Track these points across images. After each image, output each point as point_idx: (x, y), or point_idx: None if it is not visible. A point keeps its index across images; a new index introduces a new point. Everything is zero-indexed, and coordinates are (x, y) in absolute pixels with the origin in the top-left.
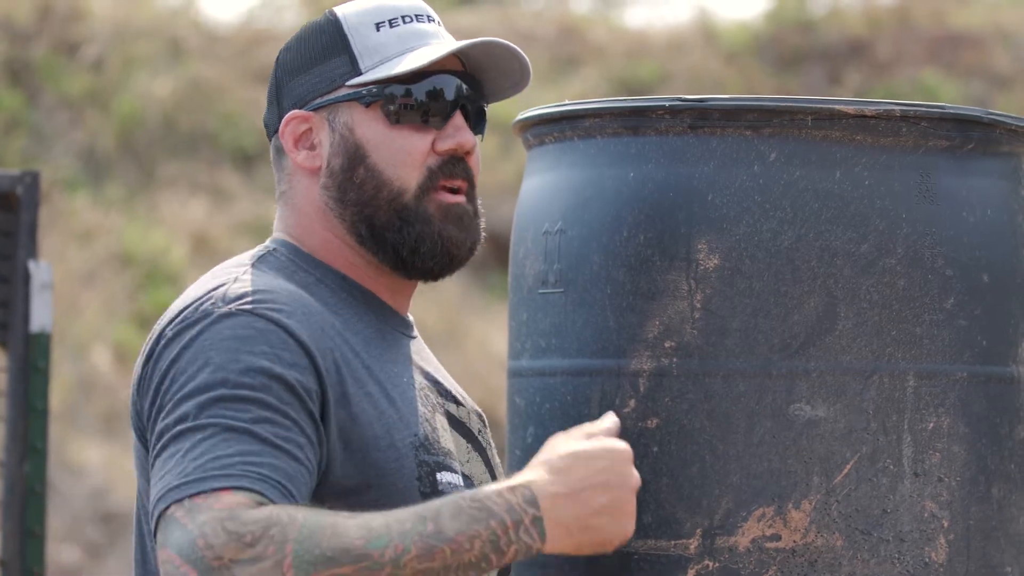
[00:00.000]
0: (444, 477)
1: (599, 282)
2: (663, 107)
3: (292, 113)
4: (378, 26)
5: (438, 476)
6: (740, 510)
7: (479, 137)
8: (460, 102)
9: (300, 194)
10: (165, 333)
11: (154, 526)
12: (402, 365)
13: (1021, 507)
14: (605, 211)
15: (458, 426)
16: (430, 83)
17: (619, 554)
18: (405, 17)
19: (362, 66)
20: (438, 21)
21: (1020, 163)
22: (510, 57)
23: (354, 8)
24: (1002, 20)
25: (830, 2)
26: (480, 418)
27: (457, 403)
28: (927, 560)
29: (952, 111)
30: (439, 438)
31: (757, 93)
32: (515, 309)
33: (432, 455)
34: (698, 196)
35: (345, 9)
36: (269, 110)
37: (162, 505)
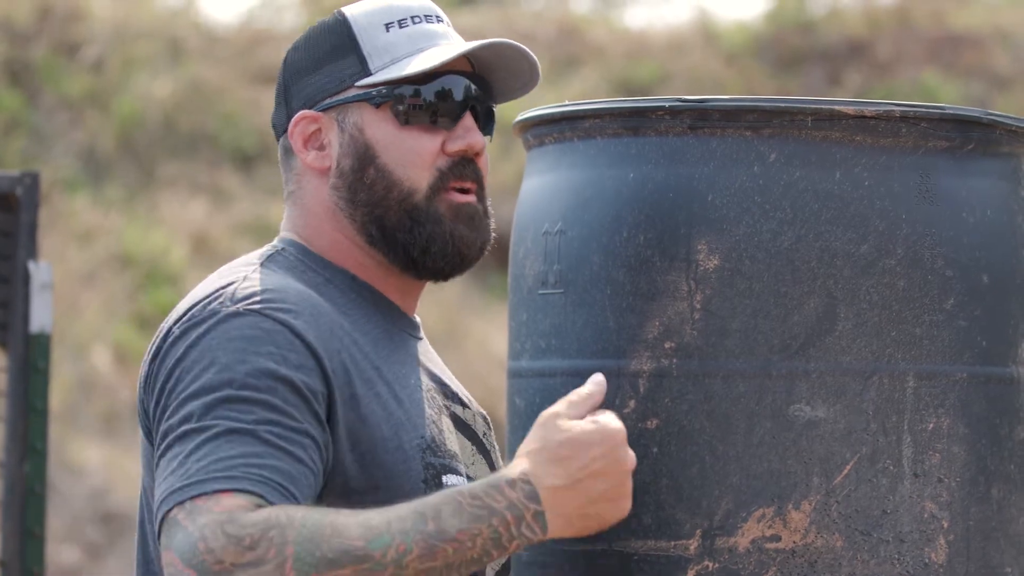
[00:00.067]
0: (450, 480)
1: (599, 283)
2: (663, 108)
3: (301, 113)
4: (387, 26)
5: (444, 479)
6: (740, 511)
7: (488, 138)
8: (470, 103)
9: (309, 194)
10: (172, 331)
11: (158, 528)
12: (409, 366)
13: (1021, 508)
14: (605, 212)
15: (463, 428)
16: (440, 84)
17: (619, 555)
18: (415, 17)
19: (372, 67)
20: (447, 21)
21: (1020, 164)
22: (519, 58)
23: (363, 8)
24: (1002, 21)
25: (830, 3)
26: (485, 420)
27: (463, 405)
28: (927, 561)
29: (952, 112)
30: (445, 440)
31: (757, 94)
32: (515, 310)
33: (439, 457)
34: (698, 197)
35: (354, 9)
36: (277, 110)
37: (165, 507)
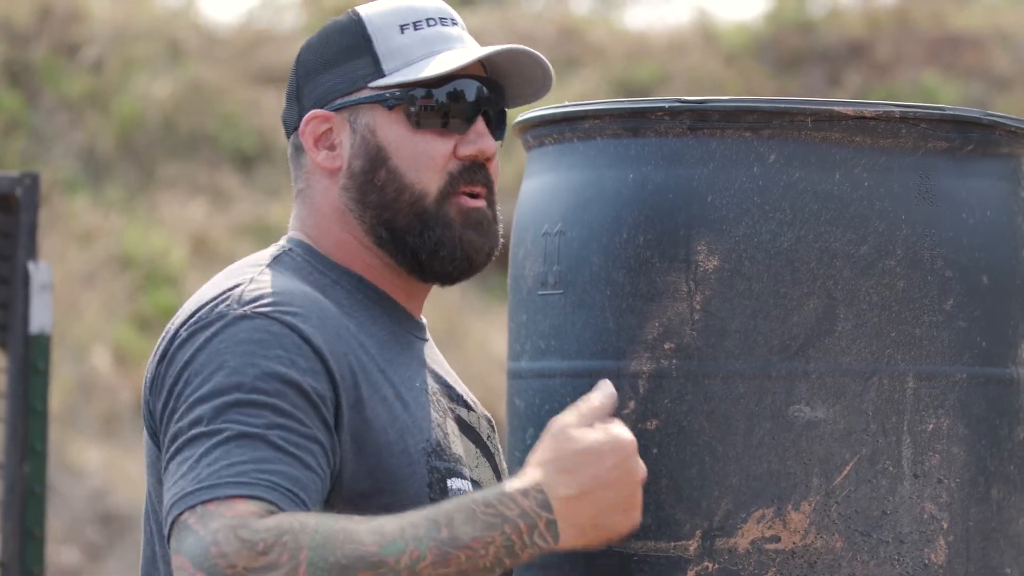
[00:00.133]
0: (454, 484)
1: (599, 283)
2: (663, 108)
3: (313, 112)
4: (402, 28)
5: (448, 483)
6: (740, 511)
7: (499, 143)
8: (482, 107)
9: (319, 194)
10: (179, 333)
11: (168, 531)
12: (415, 369)
13: (1020, 508)
14: (605, 212)
15: (468, 431)
16: (453, 88)
17: (619, 555)
18: (429, 20)
19: (385, 68)
20: (461, 24)
21: (1019, 164)
22: (533, 64)
23: (377, 9)
24: (1002, 21)
25: (829, 3)
26: (489, 423)
27: (468, 408)
28: (927, 561)
29: (951, 112)
30: (450, 444)
31: (757, 94)
32: (514, 310)
33: (443, 461)
34: (698, 197)
35: (368, 9)
36: (288, 108)
37: (176, 511)
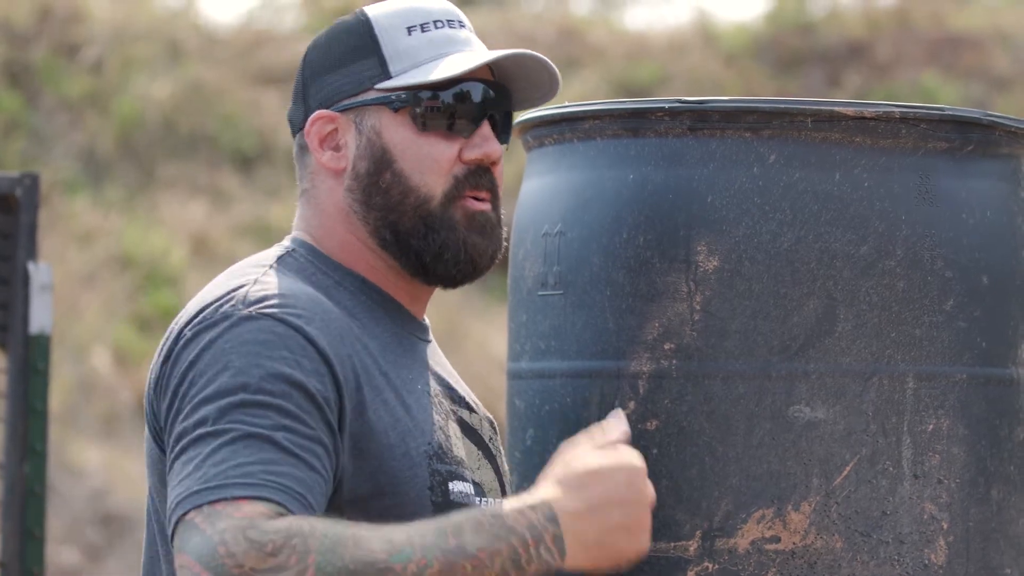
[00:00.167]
0: (456, 487)
1: (599, 284)
2: (663, 109)
3: (318, 113)
4: (409, 30)
5: (450, 485)
6: (740, 512)
7: (505, 146)
8: (488, 111)
9: (323, 194)
10: (184, 333)
11: (171, 530)
12: (418, 371)
13: (1020, 509)
14: (605, 213)
15: (470, 433)
16: (460, 91)
17: None
18: (437, 22)
19: (392, 70)
20: (469, 26)
21: (1019, 165)
22: (540, 69)
23: (385, 9)
24: (1001, 22)
25: (829, 4)
26: (492, 425)
27: (470, 410)
28: (927, 562)
29: (951, 113)
30: (452, 446)
31: (756, 95)
32: (514, 311)
33: (445, 464)
34: (698, 198)
35: (376, 10)
36: (294, 106)
37: (181, 510)
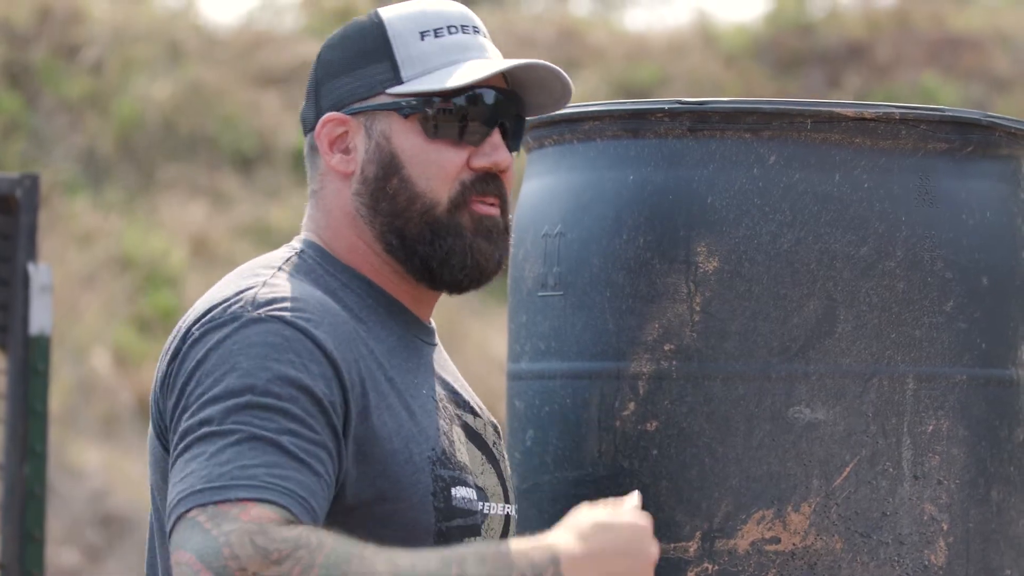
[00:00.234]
0: (459, 492)
1: (598, 285)
2: (662, 110)
3: (329, 115)
4: (423, 35)
5: (453, 491)
6: (739, 513)
7: (515, 154)
8: (499, 119)
9: (331, 196)
10: (192, 332)
11: (171, 526)
12: (422, 375)
13: (1020, 510)
14: (605, 214)
15: (474, 437)
16: (470, 99)
17: None
18: (451, 28)
19: (403, 75)
20: (483, 32)
21: (1019, 166)
22: (552, 78)
23: (399, 12)
24: (1001, 23)
25: (829, 5)
26: (495, 430)
27: (474, 414)
28: (927, 563)
29: (951, 114)
30: (455, 451)
31: (756, 96)
32: (514, 312)
33: (448, 469)
34: (697, 199)
35: (390, 12)
36: (307, 105)
37: (183, 507)
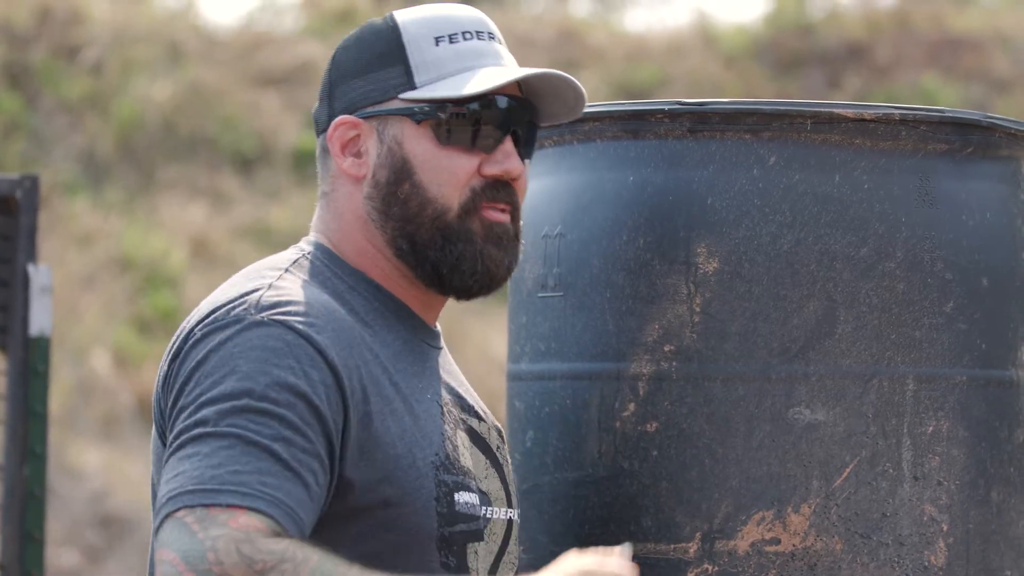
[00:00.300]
0: (462, 497)
1: (598, 286)
2: (662, 111)
3: (342, 118)
4: (437, 40)
5: (456, 496)
6: (739, 514)
7: (527, 161)
8: (511, 127)
9: (342, 199)
10: (194, 333)
11: (158, 524)
12: (427, 380)
13: (1020, 511)
14: (604, 215)
15: (478, 442)
16: (483, 105)
17: None
18: (466, 33)
19: (417, 80)
20: (499, 37)
21: (1019, 167)
22: (566, 87)
23: (414, 16)
24: (1001, 24)
25: (829, 6)
26: (499, 434)
27: (479, 418)
28: (926, 564)
29: (951, 115)
30: (459, 456)
31: (756, 97)
32: (514, 312)
33: (452, 475)
34: (697, 200)
35: (406, 16)
36: (320, 107)
37: (171, 507)
